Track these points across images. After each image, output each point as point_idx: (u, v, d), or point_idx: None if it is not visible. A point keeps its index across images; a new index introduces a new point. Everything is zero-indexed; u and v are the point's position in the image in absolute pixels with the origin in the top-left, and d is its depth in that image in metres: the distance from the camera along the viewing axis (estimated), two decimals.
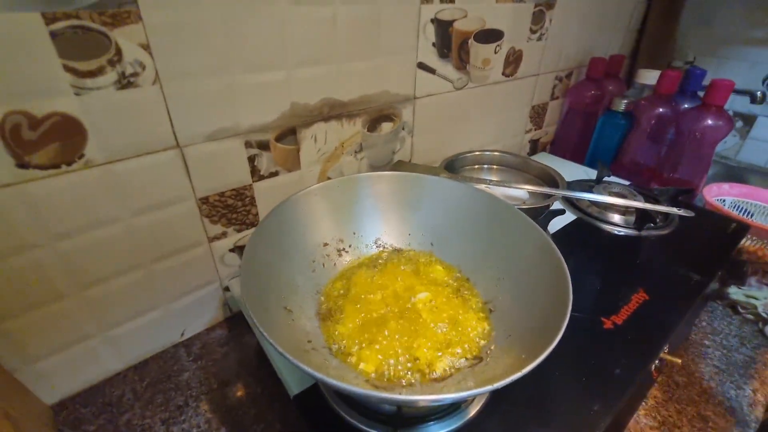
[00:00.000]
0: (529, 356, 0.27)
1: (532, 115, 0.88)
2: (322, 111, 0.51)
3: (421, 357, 0.33)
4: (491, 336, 0.35)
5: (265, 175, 0.50)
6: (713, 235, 0.63)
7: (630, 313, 0.47)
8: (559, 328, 0.27)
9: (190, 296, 0.51)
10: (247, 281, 0.28)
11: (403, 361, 0.33)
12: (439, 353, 0.34)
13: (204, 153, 0.44)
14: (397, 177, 0.43)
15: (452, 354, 0.33)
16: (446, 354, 0.33)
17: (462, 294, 0.39)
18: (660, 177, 0.82)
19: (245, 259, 0.30)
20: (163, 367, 0.49)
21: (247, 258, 0.30)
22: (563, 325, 0.27)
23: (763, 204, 0.83)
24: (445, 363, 0.33)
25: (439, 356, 0.33)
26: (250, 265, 0.31)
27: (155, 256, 0.45)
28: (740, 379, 0.51)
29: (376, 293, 0.39)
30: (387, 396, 0.22)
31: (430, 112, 0.65)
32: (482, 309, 0.38)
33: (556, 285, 0.32)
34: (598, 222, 0.65)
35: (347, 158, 0.58)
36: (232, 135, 0.45)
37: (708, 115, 0.70)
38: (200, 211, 0.46)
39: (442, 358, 0.33)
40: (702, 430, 0.45)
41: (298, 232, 0.39)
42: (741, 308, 0.60)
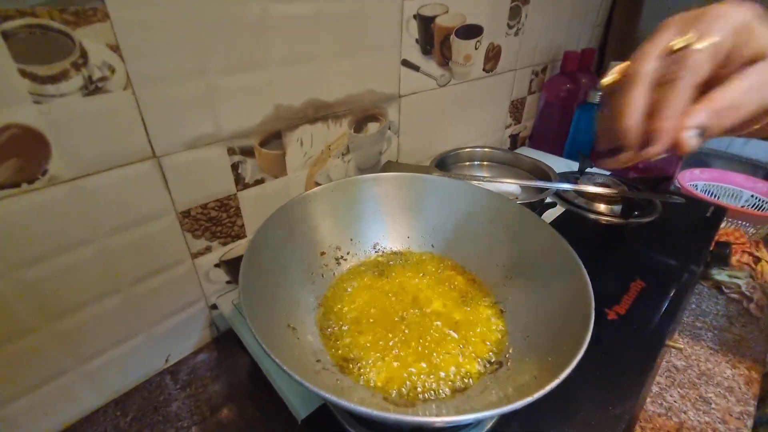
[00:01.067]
0: (556, 358, 0.26)
1: (512, 110, 0.88)
2: (307, 113, 0.49)
3: (438, 367, 0.31)
4: (507, 338, 0.34)
5: (250, 183, 0.47)
6: (694, 220, 0.65)
7: (631, 302, 0.47)
8: (587, 327, 0.26)
9: (174, 318, 0.47)
10: (249, 299, 0.26)
11: (417, 373, 0.31)
12: (456, 361, 0.32)
13: (183, 162, 0.40)
14: (396, 178, 0.41)
15: (471, 361, 0.32)
16: (464, 362, 0.32)
17: (471, 295, 0.38)
18: (636, 166, 0.84)
19: (244, 274, 0.27)
20: (149, 399, 0.45)
21: (246, 273, 0.28)
22: (590, 323, 0.26)
23: (731, 187, 0.86)
24: (464, 371, 0.31)
25: (458, 364, 0.31)
26: (250, 281, 0.28)
27: (134, 279, 0.41)
28: (734, 358, 0.52)
29: (380, 301, 0.37)
30: (421, 420, 0.20)
31: (415, 111, 0.64)
32: (494, 310, 0.36)
33: (572, 281, 0.31)
34: (585, 213, 0.65)
35: (334, 161, 0.56)
36: (214, 141, 0.42)
37: None
38: (182, 226, 0.43)
39: (460, 366, 0.31)
40: (706, 413, 0.46)
41: (296, 241, 0.37)
42: (725, 288, 0.62)
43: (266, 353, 0.22)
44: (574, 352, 0.24)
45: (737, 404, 0.47)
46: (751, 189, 0.83)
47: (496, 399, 0.25)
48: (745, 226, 0.72)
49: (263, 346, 0.22)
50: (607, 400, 0.36)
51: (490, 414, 0.20)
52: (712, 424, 0.44)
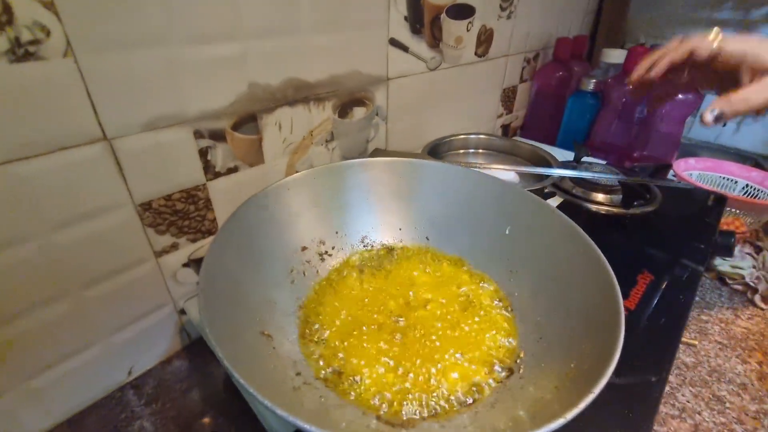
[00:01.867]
0: (581, 364, 0.22)
1: (503, 99, 0.85)
2: (287, 93, 0.44)
3: (440, 378, 0.27)
4: (516, 341, 0.30)
5: (221, 172, 0.41)
6: (696, 209, 0.63)
7: (640, 296, 0.44)
8: (617, 327, 0.22)
9: (137, 325, 0.42)
10: (208, 306, 0.21)
11: (416, 386, 0.26)
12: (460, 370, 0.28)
13: (141, 146, 0.35)
14: (387, 163, 0.37)
15: (477, 369, 0.27)
16: (469, 370, 0.27)
17: (473, 293, 0.33)
18: (631, 156, 0.82)
19: (204, 276, 0.22)
20: (108, 417, 0.40)
21: (206, 275, 0.23)
22: (621, 322, 0.22)
23: (726, 176, 0.85)
24: (470, 382, 0.27)
25: (462, 373, 0.27)
26: (212, 283, 0.23)
27: (85, 281, 0.36)
28: (744, 352, 0.50)
29: (371, 303, 0.33)
30: None
31: (404, 96, 0.59)
32: (500, 309, 0.32)
33: (590, 273, 0.27)
34: (584, 202, 0.62)
35: (317, 149, 0.51)
36: (177, 123, 0.37)
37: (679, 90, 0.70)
38: (141, 220, 0.37)
39: (465, 375, 0.27)
40: (721, 413, 0.42)
41: (271, 236, 0.32)
42: (729, 279, 0.60)
43: (230, 371, 0.18)
44: (605, 357, 0.20)
45: (752, 402, 0.44)
46: (746, 178, 0.81)
47: (512, 418, 0.21)
48: (743, 215, 0.70)
49: (225, 362, 0.18)
50: (625, 404, 0.32)
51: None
52: (729, 425, 0.41)
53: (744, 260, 0.62)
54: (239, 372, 0.18)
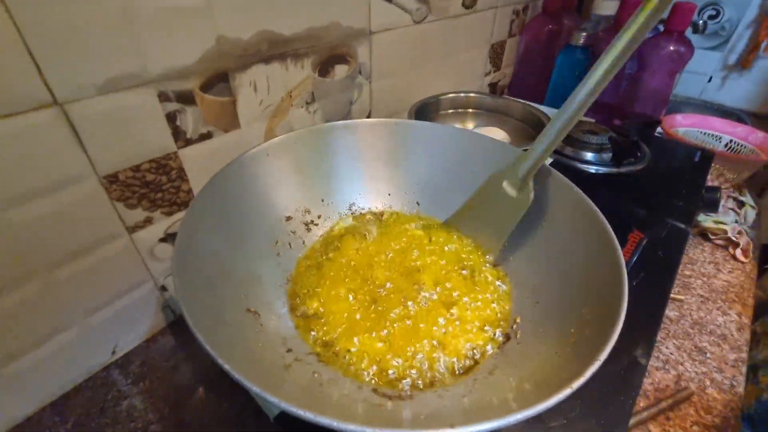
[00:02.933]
0: (582, 328, 0.21)
1: (492, 55, 0.81)
2: (260, 49, 0.40)
3: (435, 346, 0.26)
4: (512, 306, 0.29)
5: (193, 139, 0.38)
6: (684, 166, 0.63)
7: (630, 254, 0.44)
8: (619, 289, 0.21)
9: (116, 304, 0.40)
10: (185, 285, 0.19)
11: (412, 355, 0.26)
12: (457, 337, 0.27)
13: (99, 111, 0.31)
14: (373, 125, 0.34)
15: (476, 336, 0.27)
16: (466, 337, 0.27)
17: (467, 258, 0.32)
18: (621, 112, 0.80)
19: (178, 253, 0.20)
20: (93, 399, 0.38)
21: (181, 252, 0.21)
22: (624, 284, 0.21)
23: (711, 132, 0.85)
24: (466, 348, 0.26)
25: (458, 340, 0.26)
26: (188, 260, 0.21)
27: (52, 261, 0.33)
28: (724, 304, 0.51)
29: (362, 272, 0.31)
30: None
31: (388, 51, 0.55)
32: (496, 274, 0.31)
33: (588, 234, 0.26)
34: (574, 162, 0.61)
35: (297, 111, 0.47)
36: (139, 84, 0.33)
37: (670, 42, 0.68)
38: (108, 193, 0.34)
39: (462, 342, 0.26)
40: (702, 363, 0.44)
41: (252, 207, 0.30)
42: (711, 235, 0.61)
43: (211, 355, 0.16)
44: (608, 324, 0.19)
45: (731, 351, 0.45)
46: (730, 134, 0.81)
47: (514, 387, 0.21)
48: (727, 170, 0.71)
49: (206, 346, 0.16)
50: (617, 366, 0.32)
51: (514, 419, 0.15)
52: (709, 374, 0.43)
53: (727, 215, 0.63)
54: (224, 354, 0.17)
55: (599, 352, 0.18)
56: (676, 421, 0.39)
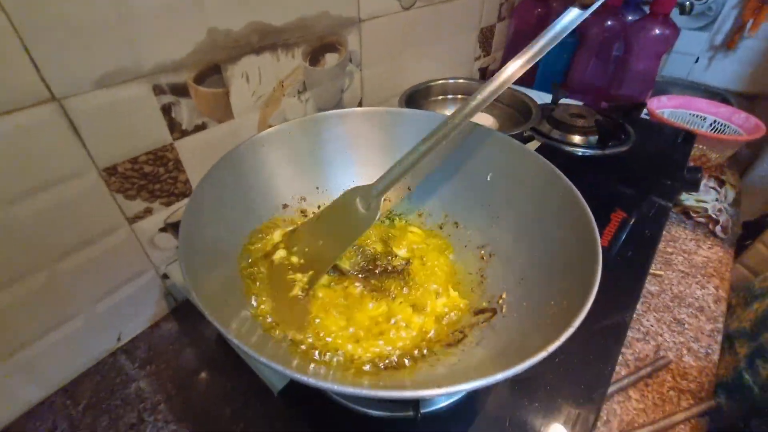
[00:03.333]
0: (561, 300, 0.23)
1: (481, 40, 0.81)
2: (251, 40, 0.41)
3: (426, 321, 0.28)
4: (499, 282, 0.31)
5: (188, 130, 0.39)
6: (667, 146, 0.64)
7: (612, 233, 0.46)
8: (594, 266, 0.23)
9: (120, 293, 0.41)
10: (191, 271, 0.20)
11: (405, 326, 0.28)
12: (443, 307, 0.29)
13: (96, 106, 0.32)
14: (365, 113, 0.36)
15: (459, 308, 0.29)
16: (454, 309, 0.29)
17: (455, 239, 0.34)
18: (608, 95, 0.82)
19: (183, 241, 0.22)
20: (102, 383, 0.40)
21: (185, 240, 0.22)
22: (598, 261, 0.23)
23: (695, 112, 0.86)
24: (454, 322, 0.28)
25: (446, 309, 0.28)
26: (193, 248, 0.22)
27: (57, 253, 0.34)
28: (703, 279, 0.54)
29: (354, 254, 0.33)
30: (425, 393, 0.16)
31: (378, 39, 0.56)
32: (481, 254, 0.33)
33: (568, 214, 0.28)
34: (561, 145, 0.62)
35: (290, 101, 0.48)
36: (134, 78, 0.34)
37: (656, 25, 0.69)
38: (108, 186, 0.35)
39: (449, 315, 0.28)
40: (680, 333, 0.47)
41: (250, 196, 0.31)
42: (693, 213, 0.63)
43: (223, 334, 0.18)
44: (582, 295, 0.21)
45: (708, 322, 0.48)
46: (714, 114, 0.83)
47: (497, 354, 0.23)
48: (710, 150, 0.73)
49: (218, 325, 0.18)
50: (598, 336, 0.35)
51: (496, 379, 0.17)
52: (687, 344, 0.46)
53: (708, 194, 0.65)
54: (240, 340, 0.18)
55: (573, 319, 0.19)
56: (654, 386, 0.41)
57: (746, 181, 0.98)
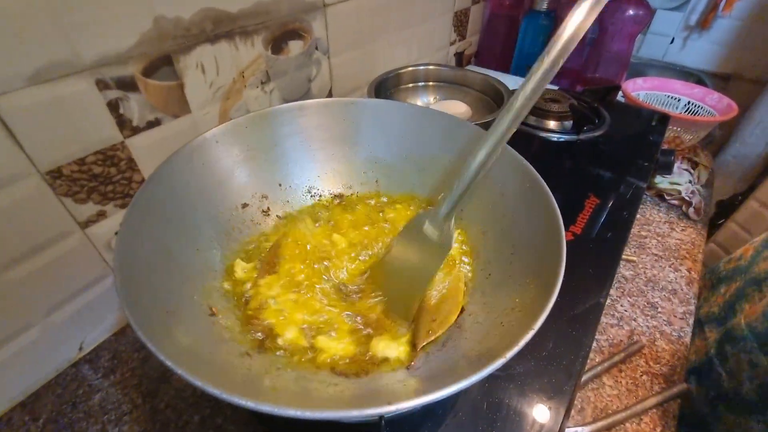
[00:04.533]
0: (523, 299, 0.22)
1: (456, 24, 0.79)
2: (204, 28, 0.38)
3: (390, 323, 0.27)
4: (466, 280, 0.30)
5: (140, 127, 0.37)
6: (641, 129, 0.64)
7: (586, 220, 0.45)
8: (558, 260, 0.22)
9: (78, 300, 0.39)
10: (127, 285, 0.19)
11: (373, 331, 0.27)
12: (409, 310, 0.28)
13: (32, 103, 0.30)
14: (325, 105, 0.34)
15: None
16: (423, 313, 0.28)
17: None
18: (584, 78, 0.81)
19: (120, 251, 0.20)
20: (64, 395, 0.38)
21: (123, 250, 0.20)
22: (562, 254, 0.22)
23: (670, 94, 0.87)
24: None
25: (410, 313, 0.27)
26: (134, 258, 0.21)
27: (3, 262, 0.32)
28: (676, 261, 0.54)
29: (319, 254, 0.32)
30: (375, 411, 0.15)
31: (345, 24, 0.53)
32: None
33: (537, 212, 0.27)
34: (536, 131, 0.62)
35: (252, 92, 0.46)
36: (73, 72, 0.31)
37: (629, 5, 0.68)
38: (53, 189, 0.33)
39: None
40: (653, 317, 0.47)
41: (204, 196, 0.29)
42: (667, 195, 0.64)
43: (157, 356, 0.16)
44: (545, 296, 0.20)
45: (680, 305, 0.49)
46: (688, 95, 0.83)
47: (461, 357, 0.22)
48: (684, 132, 0.73)
49: (150, 346, 0.16)
50: (569, 326, 0.34)
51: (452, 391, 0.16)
52: (659, 327, 0.46)
53: (681, 176, 0.66)
54: (165, 350, 0.17)
55: (534, 321, 0.19)
56: (628, 372, 0.42)
57: (719, 161, 0.99)
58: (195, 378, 0.15)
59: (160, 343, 0.17)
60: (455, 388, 0.16)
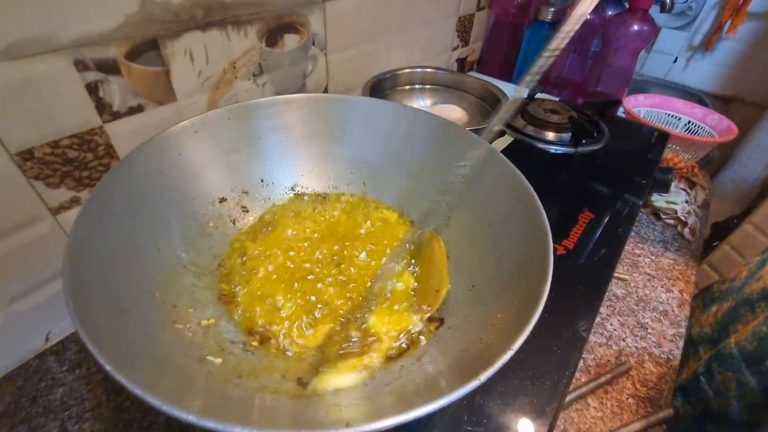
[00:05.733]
0: (505, 314, 0.21)
1: (459, 29, 0.78)
2: (195, 14, 0.37)
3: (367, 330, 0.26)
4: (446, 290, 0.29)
5: (121, 112, 0.35)
6: (640, 146, 0.63)
7: (579, 235, 0.44)
8: (545, 273, 0.21)
9: (46, 289, 0.37)
10: (75, 285, 0.17)
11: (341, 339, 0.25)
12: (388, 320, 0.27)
13: (2, 80, 0.28)
14: (313, 100, 0.32)
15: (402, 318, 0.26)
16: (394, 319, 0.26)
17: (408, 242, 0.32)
18: (585, 91, 0.80)
19: (73, 242, 0.19)
20: (24, 388, 0.37)
21: (78, 240, 0.19)
22: (549, 269, 0.21)
23: (671, 112, 0.86)
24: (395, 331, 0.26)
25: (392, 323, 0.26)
26: (85, 250, 0.19)
27: None
28: (668, 282, 0.53)
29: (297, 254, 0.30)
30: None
31: (345, 22, 0.52)
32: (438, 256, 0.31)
33: (526, 224, 0.25)
34: (535, 142, 0.61)
35: (244, 84, 0.44)
36: (50, 50, 0.30)
37: (634, 21, 0.67)
38: (24, 172, 0.31)
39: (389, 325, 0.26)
40: (643, 338, 0.46)
41: (178, 188, 0.28)
42: (663, 214, 0.63)
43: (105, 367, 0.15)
44: (527, 313, 0.19)
45: (671, 327, 0.47)
46: (689, 115, 0.83)
47: (435, 374, 0.20)
48: (683, 151, 0.72)
49: (95, 354, 0.15)
50: (555, 344, 0.33)
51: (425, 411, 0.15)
52: (648, 349, 0.45)
53: (678, 195, 0.65)
54: (122, 372, 0.15)
55: (513, 341, 0.17)
56: (614, 393, 0.40)
57: (716, 182, 0.99)
58: (132, 384, 0.14)
59: (105, 344, 0.15)
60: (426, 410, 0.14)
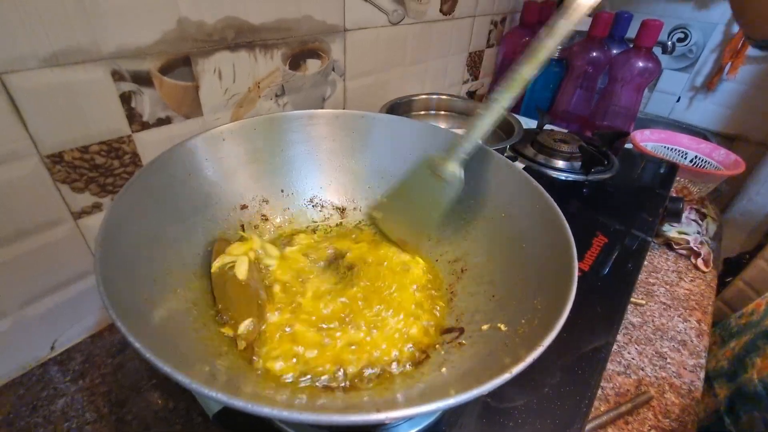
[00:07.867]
0: (530, 319, 0.21)
1: (470, 64, 0.82)
2: (226, 36, 0.39)
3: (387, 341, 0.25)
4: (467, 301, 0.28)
5: (150, 123, 0.37)
6: (650, 176, 0.64)
7: (594, 258, 0.44)
8: (570, 282, 0.20)
9: (58, 295, 0.37)
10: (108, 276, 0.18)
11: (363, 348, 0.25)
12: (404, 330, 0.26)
13: (43, 85, 0.30)
14: (337, 116, 0.34)
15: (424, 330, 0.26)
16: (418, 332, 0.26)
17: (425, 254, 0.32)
18: (592, 125, 0.82)
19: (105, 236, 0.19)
20: (25, 397, 0.36)
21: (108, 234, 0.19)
22: (574, 278, 0.21)
23: (677, 147, 0.88)
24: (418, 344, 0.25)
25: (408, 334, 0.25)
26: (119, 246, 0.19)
27: None
28: (685, 311, 0.52)
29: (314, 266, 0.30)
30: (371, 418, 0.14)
31: (363, 51, 0.55)
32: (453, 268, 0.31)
33: (547, 232, 0.26)
34: (545, 169, 0.62)
35: (266, 103, 0.46)
36: (89, 60, 0.31)
37: (639, 58, 0.70)
38: (52, 174, 0.32)
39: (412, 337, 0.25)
40: (663, 368, 0.44)
41: (203, 191, 0.28)
42: (675, 244, 0.62)
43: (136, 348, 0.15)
44: (555, 312, 0.19)
45: (690, 357, 0.46)
46: (695, 150, 0.84)
47: (458, 376, 0.20)
48: (692, 184, 0.73)
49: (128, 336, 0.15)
50: (575, 363, 0.32)
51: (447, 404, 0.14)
52: (668, 379, 0.43)
53: (690, 226, 0.64)
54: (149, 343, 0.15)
55: (543, 338, 0.17)
56: (635, 425, 0.38)
57: (726, 217, 0.99)
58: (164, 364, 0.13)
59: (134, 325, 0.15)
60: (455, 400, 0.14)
